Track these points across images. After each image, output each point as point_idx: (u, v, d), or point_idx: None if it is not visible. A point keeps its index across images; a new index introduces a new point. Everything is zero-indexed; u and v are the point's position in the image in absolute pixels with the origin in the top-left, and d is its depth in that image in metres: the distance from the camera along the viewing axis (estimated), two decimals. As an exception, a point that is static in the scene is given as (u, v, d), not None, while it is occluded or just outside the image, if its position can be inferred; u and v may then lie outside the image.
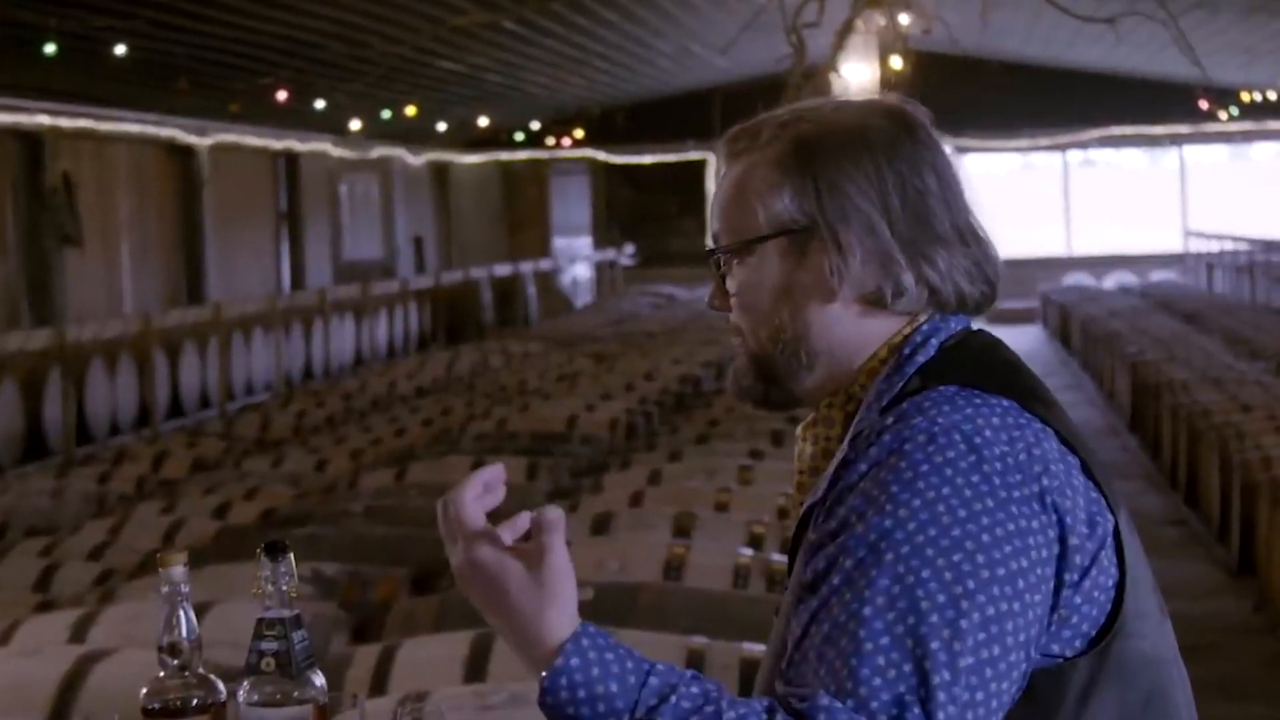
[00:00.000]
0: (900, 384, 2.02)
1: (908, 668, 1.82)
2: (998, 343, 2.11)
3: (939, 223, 2.08)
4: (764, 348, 2.12)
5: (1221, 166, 34.44)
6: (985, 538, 1.87)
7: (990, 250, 2.12)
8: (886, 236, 2.06)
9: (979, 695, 1.83)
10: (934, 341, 2.06)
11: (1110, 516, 1.98)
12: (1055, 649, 1.93)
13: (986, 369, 2.03)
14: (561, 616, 1.93)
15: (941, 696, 1.81)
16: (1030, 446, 1.94)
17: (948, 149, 2.16)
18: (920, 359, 2.05)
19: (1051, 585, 1.91)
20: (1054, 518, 1.92)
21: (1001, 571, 1.86)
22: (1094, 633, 1.95)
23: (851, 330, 2.09)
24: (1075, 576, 1.93)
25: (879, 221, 2.06)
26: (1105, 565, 1.96)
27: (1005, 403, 1.98)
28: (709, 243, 2.19)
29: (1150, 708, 1.98)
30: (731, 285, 2.14)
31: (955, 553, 1.86)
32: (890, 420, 1.97)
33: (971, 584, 1.85)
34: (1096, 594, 1.95)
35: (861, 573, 1.87)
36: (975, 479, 1.90)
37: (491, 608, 1.96)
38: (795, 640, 1.91)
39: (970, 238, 2.11)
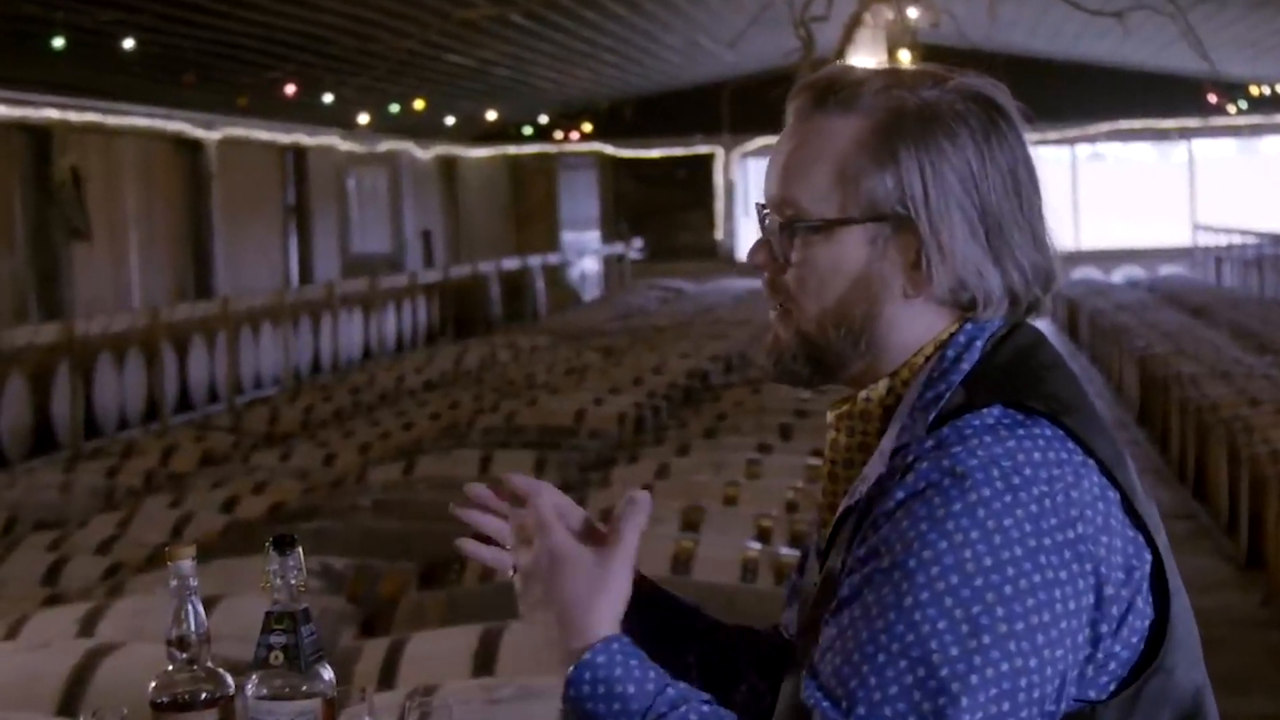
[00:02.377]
0: (946, 393, 1.95)
1: (912, 718, 1.80)
2: (1038, 342, 2.03)
3: (1027, 225, 2.00)
4: (823, 332, 2.01)
5: (1230, 160, 34.40)
6: (1008, 589, 1.81)
7: (1057, 255, 2.05)
8: (983, 239, 1.97)
9: None
10: (978, 344, 1.98)
11: (1149, 555, 1.92)
12: (1092, 694, 1.89)
13: (1031, 380, 1.96)
14: (608, 610, 2.00)
15: None
16: (1069, 487, 1.87)
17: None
18: (965, 365, 1.96)
19: (1083, 637, 1.85)
20: (1088, 567, 1.85)
21: (1020, 626, 1.80)
22: (1126, 673, 1.90)
23: (917, 325, 2.00)
24: (1113, 626, 1.88)
25: (977, 222, 1.97)
26: (1140, 607, 1.90)
27: (1049, 431, 1.90)
28: (766, 196, 2.05)
29: None
30: (796, 256, 2.01)
31: (975, 604, 1.80)
32: (930, 444, 1.89)
33: (987, 638, 1.80)
34: (1133, 638, 1.90)
35: (880, 610, 1.83)
36: (1008, 523, 1.83)
37: (552, 592, 2.02)
38: (820, 652, 1.89)
39: (1043, 242, 2.03)
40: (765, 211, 2.06)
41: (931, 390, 1.97)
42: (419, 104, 24.43)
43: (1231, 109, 28.82)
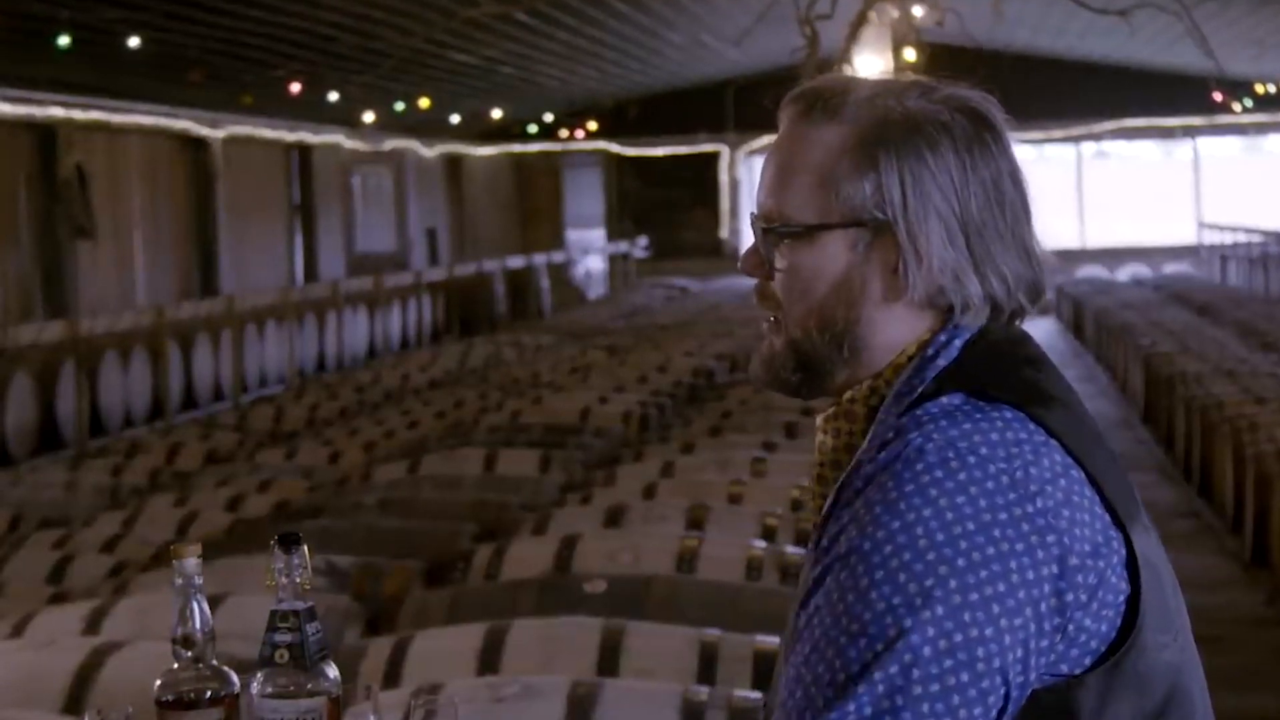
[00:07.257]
0: (920, 387, 1.97)
1: (866, 696, 1.80)
2: (1019, 338, 2.05)
3: (1011, 236, 2.01)
4: (808, 335, 2.04)
5: (1235, 158, 34.36)
6: (961, 562, 1.83)
7: (1044, 265, 2.05)
8: (963, 246, 1.99)
9: None
10: (957, 342, 2.01)
11: (1117, 534, 1.92)
12: (1064, 668, 1.89)
13: (1000, 371, 1.98)
14: None
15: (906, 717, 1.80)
16: (1029, 464, 1.89)
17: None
18: (941, 362, 1.99)
19: (1046, 606, 1.86)
20: (1049, 539, 1.86)
21: (975, 597, 1.82)
22: (1104, 648, 1.91)
23: (900, 329, 2.02)
24: (1083, 597, 1.88)
25: (956, 229, 1.99)
26: (1114, 582, 1.91)
27: (1009, 414, 1.93)
28: (757, 205, 2.08)
29: (1168, 714, 1.95)
30: (780, 262, 2.05)
31: (928, 577, 1.82)
32: (891, 435, 1.93)
33: (940, 609, 1.81)
34: (1105, 611, 1.90)
35: (840, 595, 1.85)
36: (960, 500, 1.85)
37: None
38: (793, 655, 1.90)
39: (1032, 255, 2.04)
40: (755, 219, 2.10)
41: (907, 386, 1.99)
42: (424, 102, 24.44)
43: (1237, 107, 28.79)
